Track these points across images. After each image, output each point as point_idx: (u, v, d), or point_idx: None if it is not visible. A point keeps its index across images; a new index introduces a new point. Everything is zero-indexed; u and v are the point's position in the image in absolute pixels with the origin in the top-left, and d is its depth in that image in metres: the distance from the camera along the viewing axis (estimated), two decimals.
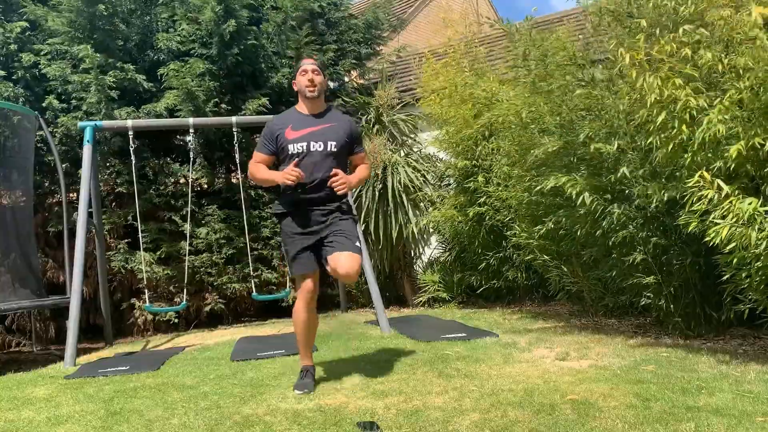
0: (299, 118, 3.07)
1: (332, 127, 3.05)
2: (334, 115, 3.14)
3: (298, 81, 3.06)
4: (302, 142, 2.99)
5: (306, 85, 3.03)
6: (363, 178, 3.21)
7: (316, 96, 3.04)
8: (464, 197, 5.66)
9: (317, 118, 3.07)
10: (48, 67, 5.50)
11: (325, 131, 3.02)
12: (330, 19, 6.65)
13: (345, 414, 2.47)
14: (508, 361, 3.26)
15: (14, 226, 4.91)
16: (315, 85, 3.03)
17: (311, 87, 3.02)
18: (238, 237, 5.75)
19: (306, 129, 3.02)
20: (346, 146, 3.08)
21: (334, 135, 3.02)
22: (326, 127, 3.04)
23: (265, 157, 3.10)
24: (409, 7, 12.24)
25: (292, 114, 3.12)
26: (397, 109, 6.47)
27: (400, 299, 6.45)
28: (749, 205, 2.64)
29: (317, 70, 3.06)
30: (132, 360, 4.12)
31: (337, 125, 3.07)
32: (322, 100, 3.11)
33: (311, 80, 3.02)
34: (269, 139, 3.07)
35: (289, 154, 3.00)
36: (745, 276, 2.83)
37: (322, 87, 3.08)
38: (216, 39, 5.65)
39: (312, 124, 3.04)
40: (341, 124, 3.10)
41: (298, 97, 3.11)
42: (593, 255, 4.04)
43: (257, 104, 5.70)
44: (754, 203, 2.65)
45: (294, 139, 3.00)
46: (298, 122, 3.05)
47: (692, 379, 2.68)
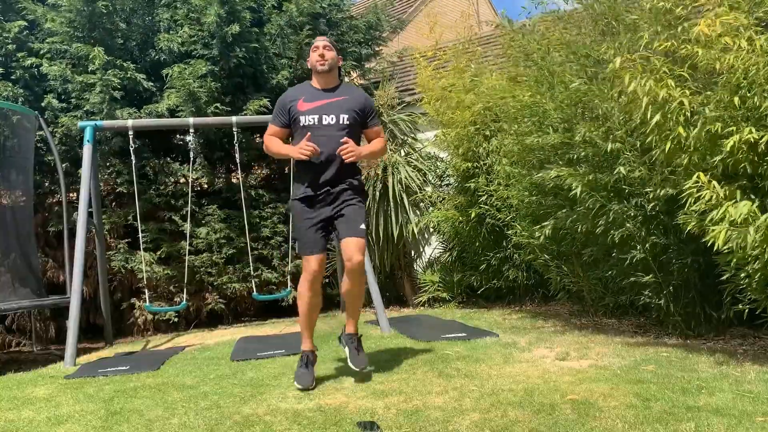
0: (312, 91, 3.09)
1: (345, 100, 3.06)
2: (347, 89, 3.15)
3: (310, 57, 3.10)
4: (314, 114, 3.01)
5: (317, 60, 3.06)
6: (375, 150, 3.19)
7: (327, 70, 3.06)
8: (464, 198, 5.66)
9: (330, 92, 3.09)
10: (49, 68, 5.49)
11: (338, 104, 3.04)
12: (331, 19, 6.65)
13: (345, 414, 2.47)
14: (508, 361, 3.26)
15: (14, 226, 4.91)
16: (326, 59, 3.05)
17: (321, 61, 3.05)
18: (238, 237, 5.75)
19: (318, 101, 3.04)
20: (359, 120, 3.09)
21: (346, 108, 3.04)
22: (339, 100, 3.06)
23: (277, 129, 3.13)
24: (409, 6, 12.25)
25: (305, 87, 3.15)
26: (397, 110, 6.47)
27: (400, 299, 6.45)
28: (744, 207, 2.65)
29: (328, 45, 3.09)
30: (132, 360, 4.12)
31: (350, 98, 3.08)
32: (334, 75, 3.12)
33: (322, 55, 3.05)
34: (282, 111, 3.10)
35: (300, 126, 3.01)
36: (744, 276, 2.83)
37: (334, 62, 3.09)
38: (218, 41, 5.65)
39: (324, 97, 3.06)
40: (354, 97, 3.11)
41: (312, 74, 3.14)
42: (593, 254, 4.04)
43: (258, 105, 5.71)
44: (749, 206, 2.65)
45: (306, 111, 3.02)
46: (310, 95, 3.07)
47: (692, 379, 2.68)
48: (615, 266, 3.86)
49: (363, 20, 6.97)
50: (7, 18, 5.78)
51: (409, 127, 6.45)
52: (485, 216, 5.31)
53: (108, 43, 5.62)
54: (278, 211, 6.03)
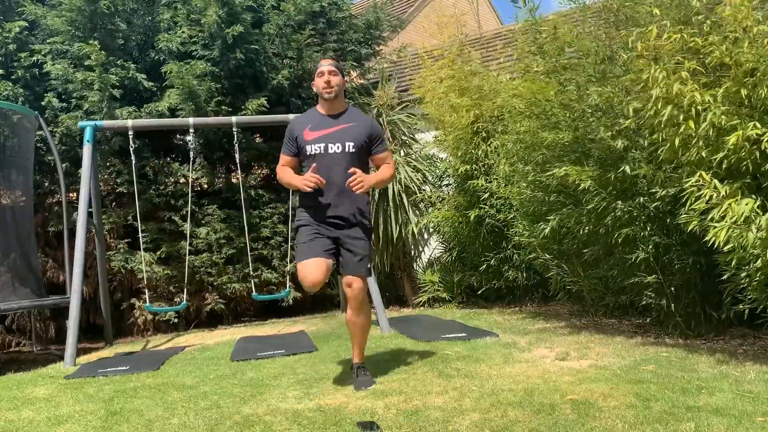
0: (318, 119, 3.06)
1: (350, 128, 3.03)
2: (353, 114, 3.11)
3: (316, 83, 3.05)
4: (320, 143, 2.99)
5: (323, 87, 3.01)
6: (384, 178, 3.14)
7: (333, 97, 3.03)
8: (464, 198, 5.66)
9: (335, 119, 3.05)
10: (51, 66, 5.49)
11: (343, 132, 3.01)
12: (331, 19, 6.65)
13: (345, 414, 2.47)
14: (508, 361, 3.26)
15: (14, 226, 4.91)
16: (332, 86, 3.01)
17: (328, 89, 3.01)
18: (238, 237, 5.75)
19: (324, 130, 3.01)
20: (366, 146, 3.06)
21: (352, 135, 3.01)
22: (344, 127, 3.02)
23: (288, 158, 3.11)
24: (410, 6, 12.25)
25: (312, 115, 3.12)
26: (397, 110, 6.47)
27: (400, 299, 6.45)
28: (746, 205, 2.64)
29: (334, 71, 3.03)
30: (132, 360, 4.11)
31: (356, 125, 3.05)
32: (341, 100, 3.09)
33: (328, 82, 3.00)
34: (290, 141, 3.09)
35: (307, 155, 3.00)
36: (744, 275, 2.83)
37: (340, 88, 3.06)
38: (218, 42, 5.65)
39: (330, 125, 3.03)
40: (360, 123, 3.07)
41: (318, 99, 3.10)
42: (594, 254, 4.03)
43: (256, 104, 5.71)
44: (750, 203, 2.64)
45: (312, 141, 3.00)
46: (316, 123, 3.04)
47: (692, 379, 2.68)
48: (617, 266, 3.86)
49: (363, 19, 6.97)
50: (8, 18, 5.78)
51: (409, 127, 6.45)
52: (485, 217, 5.31)
53: (108, 43, 5.62)
54: (278, 211, 6.02)
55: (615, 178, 3.54)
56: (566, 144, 3.84)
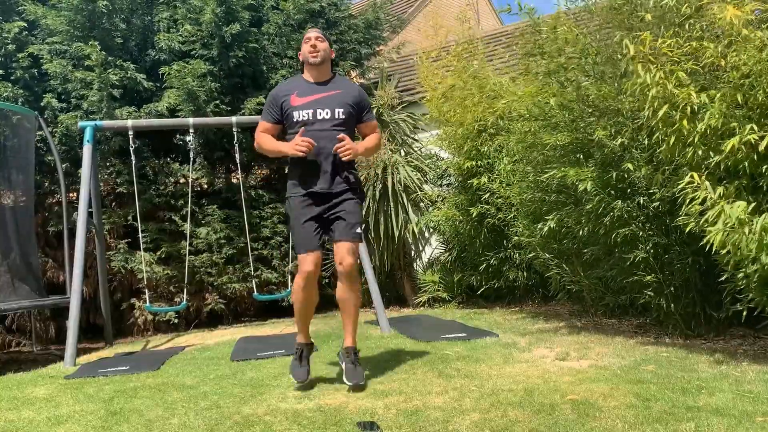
0: (305, 85, 3.01)
1: (339, 94, 2.98)
2: (341, 82, 3.06)
3: (302, 50, 3.02)
4: (308, 109, 2.92)
5: (309, 51, 2.97)
6: (371, 146, 3.11)
7: (319, 62, 2.98)
8: (465, 197, 5.66)
9: (323, 85, 3.00)
10: (49, 64, 5.49)
11: (332, 98, 2.96)
12: (330, 18, 6.64)
13: (345, 414, 2.47)
14: (508, 361, 3.26)
15: (14, 225, 4.92)
16: (318, 51, 2.97)
17: (314, 53, 2.96)
18: (238, 237, 5.75)
19: (312, 96, 2.95)
20: (354, 114, 3.01)
21: (341, 102, 2.95)
22: (333, 94, 2.97)
23: (269, 125, 3.04)
24: (410, 6, 12.25)
25: (298, 80, 3.06)
26: (397, 109, 6.47)
27: (400, 299, 6.45)
28: (738, 209, 2.63)
29: (320, 36, 3.00)
30: (132, 360, 4.12)
31: (345, 92, 3.00)
32: (327, 67, 3.04)
33: (314, 46, 2.97)
34: (273, 106, 3.01)
35: (294, 122, 2.93)
36: (742, 276, 2.83)
37: (326, 53, 3.01)
38: (217, 41, 5.65)
39: (318, 91, 2.97)
40: (348, 90, 3.02)
41: (304, 67, 3.06)
42: (594, 253, 4.03)
43: (255, 103, 5.70)
44: (743, 206, 2.64)
45: (299, 106, 2.93)
46: (303, 89, 2.99)
47: (692, 379, 2.68)
48: (616, 265, 3.86)
49: (362, 19, 6.97)
50: (7, 18, 5.78)
51: (410, 127, 6.45)
52: (486, 215, 5.31)
53: (108, 43, 5.62)
54: (278, 211, 6.02)
55: (615, 179, 3.54)
56: (565, 145, 3.84)
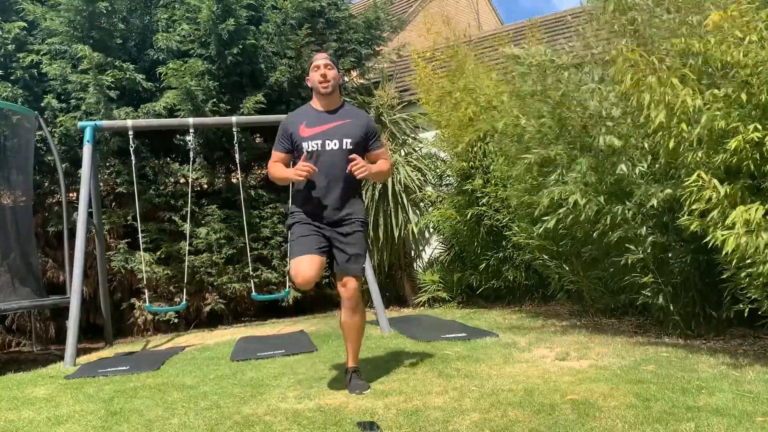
0: (313, 115, 3.00)
1: (347, 124, 2.97)
2: (349, 111, 3.05)
3: (311, 77, 2.98)
4: (317, 140, 2.92)
5: (319, 81, 2.94)
6: (383, 170, 3.08)
7: (329, 92, 2.96)
8: (462, 198, 5.66)
9: (332, 115, 2.99)
10: (48, 66, 5.49)
11: (341, 128, 2.95)
12: (330, 18, 6.65)
13: (345, 414, 2.47)
14: (508, 361, 3.26)
15: (14, 226, 4.92)
16: (328, 80, 2.94)
17: (324, 83, 2.94)
18: (238, 237, 5.75)
19: (320, 127, 2.95)
20: (362, 143, 3.00)
21: (349, 132, 2.95)
22: (341, 123, 2.96)
23: (281, 155, 3.04)
24: (409, 6, 12.24)
25: (307, 111, 3.05)
26: (397, 109, 6.47)
27: (400, 299, 6.45)
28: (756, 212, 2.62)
29: (330, 64, 2.96)
30: (132, 360, 4.12)
31: (353, 121, 2.99)
32: (336, 95, 3.03)
33: (324, 75, 2.93)
34: (284, 137, 3.01)
35: (304, 152, 2.93)
36: (744, 276, 2.83)
37: (336, 82, 2.99)
38: (214, 38, 5.64)
39: (326, 121, 2.96)
40: (357, 120, 3.02)
41: (313, 94, 3.04)
42: (593, 254, 4.03)
43: (254, 101, 5.70)
44: (761, 210, 2.62)
45: (308, 137, 2.93)
46: (312, 119, 2.98)
47: (692, 379, 2.68)
48: (614, 265, 3.86)
49: (362, 19, 6.97)
50: (7, 18, 5.78)
51: (410, 126, 6.45)
52: (483, 216, 5.31)
53: (107, 43, 5.62)
54: (278, 211, 6.03)
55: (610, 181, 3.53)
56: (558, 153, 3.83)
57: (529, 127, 3.86)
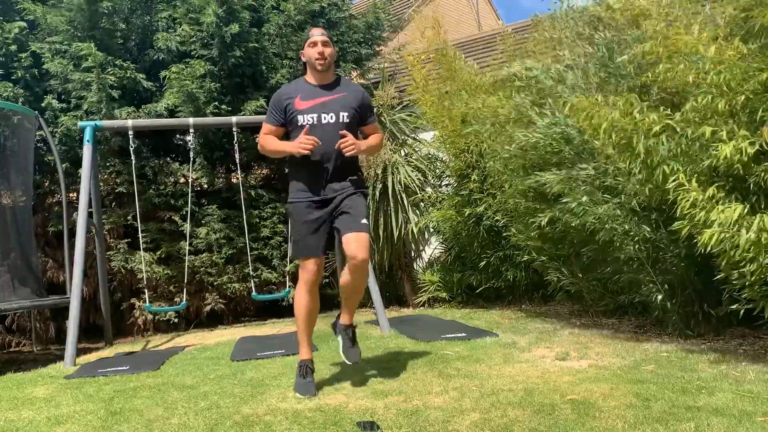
0: (308, 89, 2.98)
1: (343, 97, 2.97)
2: (344, 84, 3.04)
3: (307, 53, 2.96)
4: (312, 113, 2.91)
5: (316, 58, 2.93)
6: (374, 145, 3.10)
7: (326, 69, 2.96)
8: (461, 198, 5.66)
9: (327, 89, 2.98)
10: (50, 63, 5.49)
11: (336, 101, 2.94)
12: (331, 19, 6.65)
13: (345, 414, 2.48)
14: (508, 361, 3.26)
15: (14, 225, 4.92)
16: (325, 57, 2.93)
17: (321, 60, 2.93)
18: (238, 237, 5.75)
19: (316, 99, 2.94)
20: (358, 116, 3.00)
21: (345, 105, 2.94)
22: (337, 97, 2.96)
23: (273, 128, 3.02)
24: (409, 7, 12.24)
25: (301, 84, 3.03)
26: (397, 109, 6.47)
27: (400, 299, 6.45)
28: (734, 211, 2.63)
29: (327, 41, 2.96)
30: (132, 360, 4.12)
31: (348, 95, 2.99)
32: (331, 71, 3.02)
33: (321, 53, 2.92)
34: (277, 109, 2.99)
35: (298, 125, 2.92)
36: (738, 276, 2.83)
37: (332, 59, 2.99)
38: (217, 41, 5.64)
39: (322, 95, 2.95)
40: (352, 93, 3.01)
41: (307, 68, 3.03)
42: (591, 254, 4.03)
43: (256, 105, 5.70)
44: (739, 209, 2.63)
45: (304, 110, 2.92)
46: (307, 92, 2.96)
47: (692, 379, 2.68)
48: (611, 265, 3.85)
49: (362, 20, 6.97)
50: (7, 18, 5.78)
51: (410, 126, 6.45)
52: (482, 216, 5.31)
53: (107, 42, 5.61)
54: (278, 211, 6.03)
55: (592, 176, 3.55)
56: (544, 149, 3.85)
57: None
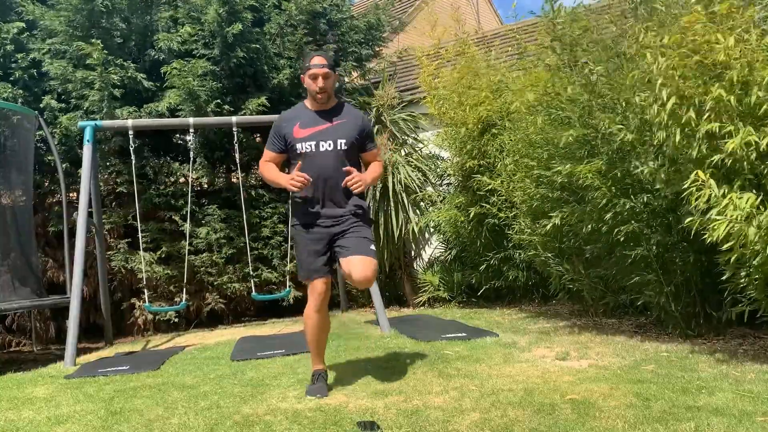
0: (307, 116, 2.96)
1: (342, 124, 2.95)
2: (344, 110, 3.01)
3: (307, 84, 2.94)
4: (311, 141, 2.89)
5: (316, 92, 2.91)
6: (377, 176, 3.09)
7: (326, 101, 2.95)
8: (465, 197, 5.65)
9: (326, 116, 2.96)
10: (50, 65, 5.49)
11: (335, 129, 2.92)
12: (331, 19, 6.65)
13: (345, 413, 2.47)
14: (508, 360, 3.26)
15: (14, 225, 4.92)
16: (325, 91, 2.92)
17: (321, 94, 2.91)
18: (238, 237, 5.76)
19: (314, 128, 2.92)
20: (357, 143, 2.98)
21: (343, 133, 2.92)
22: (336, 124, 2.94)
23: (273, 155, 3.02)
24: (409, 6, 12.25)
25: (301, 111, 3.02)
26: (398, 109, 6.47)
27: (400, 299, 6.45)
28: (746, 202, 2.63)
29: (328, 72, 2.91)
30: (132, 360, 4.11)
31: (347, 121, 2.97)
32: (332, 98, 3.01)
33: (322, 88, 2.90)
34: (277, 137, 2.99)
35: (297, 153, 2.91)
36: (744, 275, 2.83)
37: (333, 88, 2.97)
38: (219, 40, 5.64)
39: (321, 122, 2.93)
40: (352, 120, 2.99)
41: (308, 94, 3.00)
42: (596, 252, 4.03)
43: (257, 104, 5.70)
44: (752, 199, 2.63)
45: (302, 138, 2.90)
46: (306, 120, 2.95)
47: (692, 379, 2.68)
48: (617, 264, 3.85)
49: (363, 20, 6.97)
50: (6, 18, 5.77)
51: (410, 126, 6.45)
52: (486, 215, 5.30)
53: (107, 42, 5.61)
54: (278, 211, 6.03)
55: (621, 175, 3.52)
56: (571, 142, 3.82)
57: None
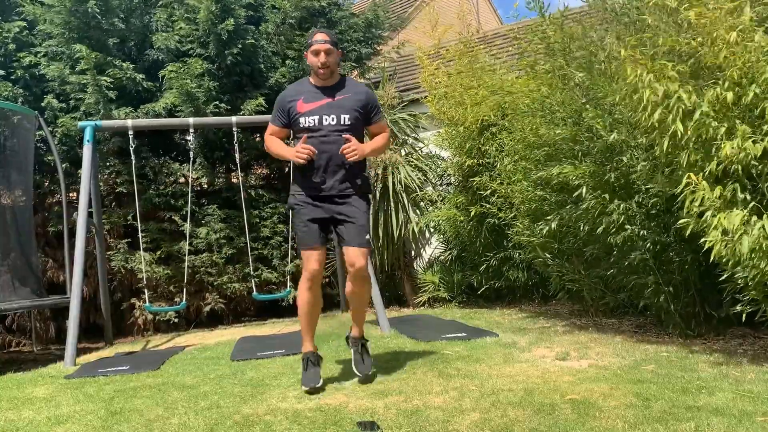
0: (311, 91, 2.98)
1: (346, 99, 2.96)
2: (348, 85, 3.02)
3: (310, 60, 2.96)
4: (314, 115, 2.91)
5: (318, 67, 2.93)
6: (378, 147, 3.10)
7: (328, 77, 2.96)
8: (465, 197, 5.65)
9: (330, 91, 2.97)
10: (47, 68, 5.49)
11: (339, 104, 2.94)
12: (331, 18, 6.64)
13: (345, 414, 2.48)
14: (508, 360, 3.26)
15: (14, 225, 4.91)
16: (328, 66, 2.93)
17: (323, 70, 2.93)
18: (238, 237, 5.75)
19: (318, 102, 2.94)
20: (362, 117, 3.00)
21: (347, 107, 2.94)
22: (340, 99, 2.95)
23: (277, 129, 3.06)
24: (410, 6, 12.25)
25: (305, 85, 3.03)
26: (398, 109, 6.46)
27: (400, 299, 6.44)
28: (736, 217, 2.62)
29: (330, 48, 2.92)
30: (132, 360, 4.11)
31: (352, 96, 2.98)
32: (336, 73, 3.01)
33: (324, 63, 2.92)
34: (281, 111, 3.01)
35: (300, 128, 2.93)
36: (741, 277, 2.83)
37: (336, 64, 2.98)
38: (213, 38, 5.64)
39: (324, 97, 2.95)
40: (356, 94, 3.00)
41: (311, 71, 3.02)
42: (594, 253, 4.03)
43: (255, 104, 5.70)
44: (740, 215, 2.62)
45: (305, 113, 2.92)
46: (310, 94, 2.96)
47: (692, 379, 2.68)
48: (615, 265, 3.85)
49: (363, 18, 6.96)
50: (6, 18, 5.77)
51: (410, 126, 6.45)
52: (486, 215, 5.30)
53: (105, 43, 5.61)
54: (278, 211, 6.03)
55: (613, 176, 3.53)
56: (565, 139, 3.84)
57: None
